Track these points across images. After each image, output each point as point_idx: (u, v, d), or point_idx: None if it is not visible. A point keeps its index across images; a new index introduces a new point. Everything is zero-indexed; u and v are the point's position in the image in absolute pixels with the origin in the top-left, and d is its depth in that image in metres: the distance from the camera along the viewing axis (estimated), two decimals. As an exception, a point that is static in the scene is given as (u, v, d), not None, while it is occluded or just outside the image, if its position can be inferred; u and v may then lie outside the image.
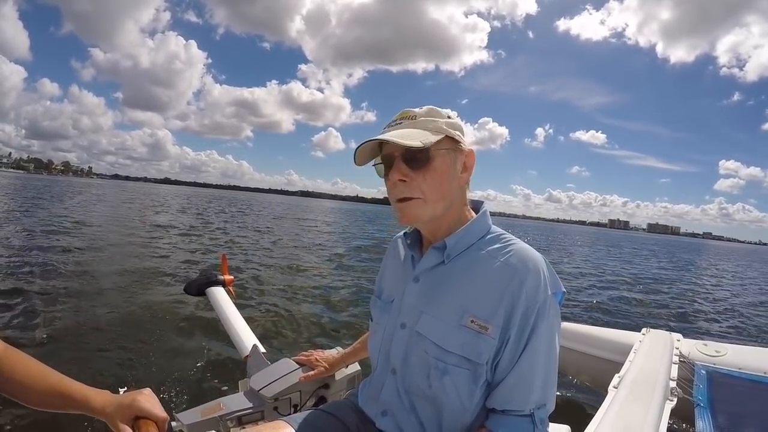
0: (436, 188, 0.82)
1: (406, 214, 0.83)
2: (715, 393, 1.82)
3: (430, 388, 0.83)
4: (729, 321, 7.06)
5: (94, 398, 0.72)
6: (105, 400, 0.72)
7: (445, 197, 0.84)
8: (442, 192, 0.83)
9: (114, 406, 0.72)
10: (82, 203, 21.28)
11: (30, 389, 0.69)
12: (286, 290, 5.95)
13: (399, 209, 0.84)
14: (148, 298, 4.86)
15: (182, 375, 2.97)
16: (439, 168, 0.82)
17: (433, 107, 0.87)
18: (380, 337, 0.95)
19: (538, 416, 0.80)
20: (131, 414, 0.71)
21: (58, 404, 0.71)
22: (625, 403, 1.57)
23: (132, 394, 0.74)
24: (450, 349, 0.81)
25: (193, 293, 2.52)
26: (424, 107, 0.87)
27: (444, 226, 0.88)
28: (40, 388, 0.70)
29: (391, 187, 0.84)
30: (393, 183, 0.83)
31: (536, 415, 0.80)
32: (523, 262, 0.81)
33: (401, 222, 0.86)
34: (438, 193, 0.82)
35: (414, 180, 0.81)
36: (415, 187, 0.81)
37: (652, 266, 17.38)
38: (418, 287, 0.89)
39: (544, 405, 0.81)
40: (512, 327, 0.78)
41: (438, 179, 0.82)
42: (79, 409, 0.71)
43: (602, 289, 9.25)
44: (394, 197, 0.84)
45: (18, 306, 4.20)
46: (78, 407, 0.71)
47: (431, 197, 0.82)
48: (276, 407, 1.34)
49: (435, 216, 0.84)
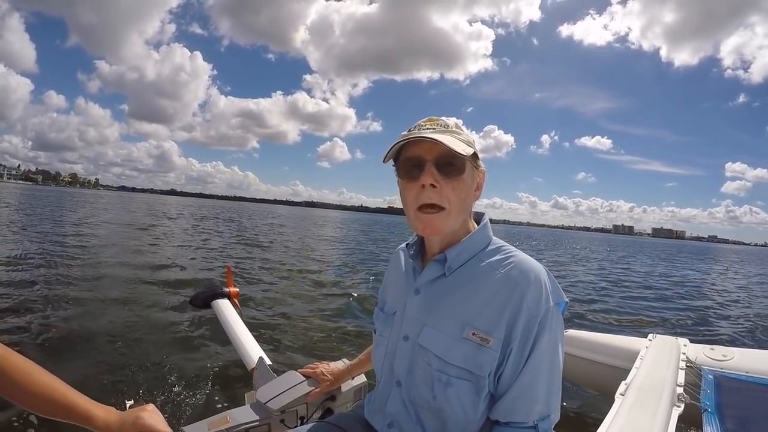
0: (462, 200, 0.82)
1: (430, 224, 0.81)
2: (723, 398, 1.81)
3: (434, 399, 0.83)
4: (736, 324, 6.97)
5: (97, 414, 0.72)
6: (109, 417, 0.73)
7: (464, 211, 0.84)
8: (465, 205, 0.83)
9: (118, 423, 0.72)
10: (89, 214, 21.31)
11: (33, 396, 0.70)
12: (293, 302, 5.94)
13: (421, 219, 0.81)
14: (153, 310, 4.86)
15: (188, 388, 2.96)
16: (467, 180, 0.82)
17: (457, 121, 0.86)
18: (384, 349, 0.95)
19: (542, 427, 0.80)
20: (135, 431, 0.72)
21: (60, 414, 0.71)
22: (632, 410, 1.56)
23: (135, 410, 0.75)
24: (452, 361, 0.81)
25: (198, 306, 2.53)
26: (451, 119, 0.86)
27: (449, 239, 0.88)
28: (44, 397, 0.70)
29: (417, 192, 0.80)
30: (420, 187, 0.79)
31: (540, 426, 0.80)
32: (523, 274, 0.81)
33: (423, 232, 0.84)
34: (462, 205, 0.82)
35: (444, 188, 0.79)
36: (444, 196, 0.79)
37: (656, 271, 17.22)
38: (419, 299, 0.89)
39: (548, 416, 0.81)
40: (514, 339, 0.79)
41: (465, 191, 0.82)
42: (82, 423, 0.72)
43: (607, 295, 9.16)
44: (419, 202, 0.81)
45: (21, 314, 4.22)
46: (80, 421, 0.72)
47: (455, 209, 0.81)
48: (283, 420, 1.35)
49: (453, 230, 0.84)
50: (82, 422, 0.72)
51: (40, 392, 0.70)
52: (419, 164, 0.80)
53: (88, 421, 0.72)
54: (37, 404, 0.71)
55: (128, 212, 27.91)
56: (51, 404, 0.71)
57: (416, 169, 0.80)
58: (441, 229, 0.82)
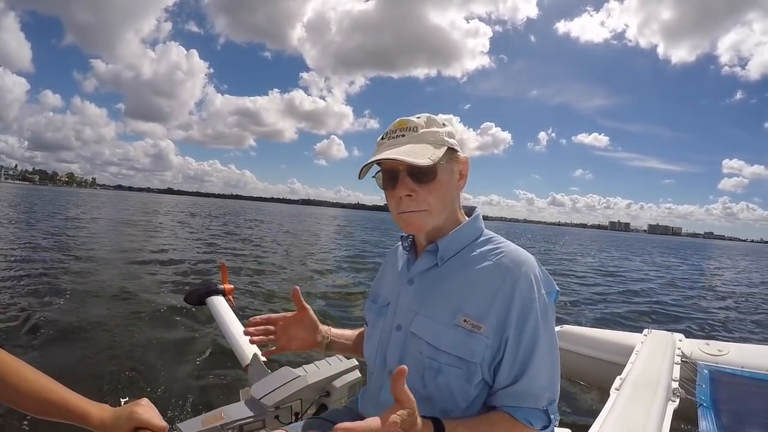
0: (441, 199, 0.85)
1: (412, 223, 0.85)
2: (718, 392, 1.82)
3: (424, 388, 0.84)
4: (731, 319, 7.03)
5: (92, 412, 0.72)
6: (103, 414, 0.72)
7: (447, 207, 0.87)
8: (446, 202, 0.87)
9: (113, 419, 0.72)
10: (85, 212, 21.24)
11: (26, 397, 0.69)
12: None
13: (404, 218, 0.86)
14: (147, 307, 4.84)
15: (183, 384, 2.95)
16: (443, 180, 0.85)
17: (430, 116, 0.88)
18: (377, 340, 0.96)
19: (551, 411, 0.82)
20: (130, 426, 0.71)
21: (55, 414, 0.70)
22: (627, 404, 1.56)
23: (130, 405, 0.74)
24: (443, 348, 0.82)
25: (193, 303, 2.51)
26: (422, 116, 0.87)
27: (436, 231, 0.90)
28: (38, 397, 0.69)
29: (396, 201, 0.85)
30: (399, 198, 0.84)
31: (549, 410, 0.82)
32: (515, 263, 0.82)
33: (406, 230, 0.89)
34: (442, 203, 0.86)
35: (420, 194, 0.83)
36: (422, 201, 0.83)
37: (652, 267, 17.35)
38: (413, 289, 0.91)
39: (554, 400, 0.83)
40: (509, 327, 0.79)
41: (443, 191, 0.85)
42: (77, 422, 0.71)
43: (602, 290, 9.22)
44: (398, 210, 0.86)
45: (13, 312, 4.19)
46: (76, 420, 0.71)
47: (436, 208, 0.85)
48: (277, 416, 1.34)
49: (437, 226, 0.88)
50: (77, 421, 0.71)
51: (34, 392, 0.69)
52: (394, 176, 0.85)
53: (83, 419, 0.71)
54: (31, 405, 0.69)
55: (122, 211, 27.82)
56: (45, 404, 0.70)
57: (392, 181, 0.85)
58: (422, 227, 0.86)
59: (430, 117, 0.87)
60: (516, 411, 0.80)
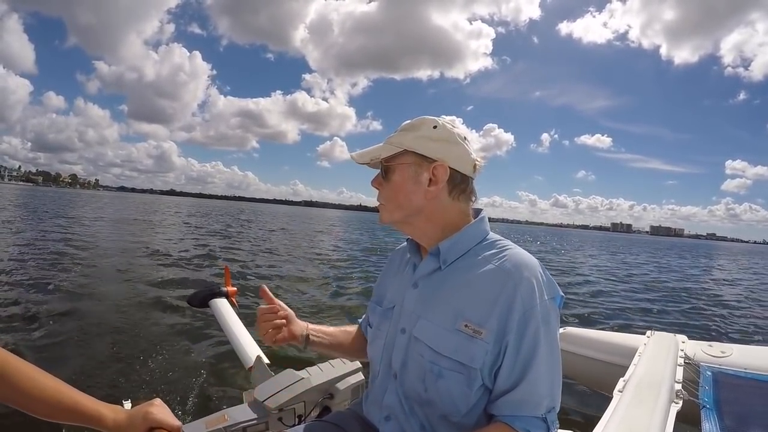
0: (392, 198, 0.91)
1: (379, 216, 0.96)
2: (722, 394, 1.81)
3: (425, 392, 0.84)
4: (734, 320, 7.00)
5: (106, 414, 0.72)
6: (117, 416, 0.73)
7: (401, 207, 0.91)
8: (398, 201, 0.91)
9: (127, 420, 0.73)
10: (89, 213, 21.29)
11: (38, 401, 0.69)
12: (291, 300, 5.94)
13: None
14: (151, 310, 4.86)
15: (186, 387, 2.96)
16: (396, 180, 0.90)
17: (424, 118, 0.91)
18: (382, 343, 0.96)
19: (550, 419, 0.81)
20: (146, 426, 0.72)
21: (68, 417, 0.70)
22: (630, 407, 1.56)
23: (144, 406, 0.75)
24: (444, 352, 0.82)
25: (196, 305, 2.52)
26: (415, 119, 0.92)
27: (431, 233, 0.91)
28: (52, 401, 0.69)
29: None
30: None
31: (548, 418, 0.81)
32: (516, 267, 0.82)
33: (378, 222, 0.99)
34: (393, 202, 0.91)
35: (383, 189, 0.94)
36: (382, 195, 0.94)
37: (654, 268, 17.29)
38: (417, 293, 0.91)
39: (554, 408, 0.82)
40: (509, 332, 0.79)
41: (393, 190, 0.91)
42: (91, 424, 0.71)
43: (605, 292, 9.19)
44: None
45: (21, 316, 4.21)
46: (89, 422, 0.71)
47: (388, 205, 0.93)
48: (280, 418, 1.34)
49: (394, 221, 0.93)
50: (91, 423, 0.71)
51: (48, 397, 0.69)
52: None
53: (97, 421, 0.71)
54: (45, 410, 0.69)
55: (126, 212, 27.86)
56: (59, 408, 0.69)
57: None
58: (382, 218, 0.95)
59: (421, 120, 0.91)
60: (514, 420, 0.79)
